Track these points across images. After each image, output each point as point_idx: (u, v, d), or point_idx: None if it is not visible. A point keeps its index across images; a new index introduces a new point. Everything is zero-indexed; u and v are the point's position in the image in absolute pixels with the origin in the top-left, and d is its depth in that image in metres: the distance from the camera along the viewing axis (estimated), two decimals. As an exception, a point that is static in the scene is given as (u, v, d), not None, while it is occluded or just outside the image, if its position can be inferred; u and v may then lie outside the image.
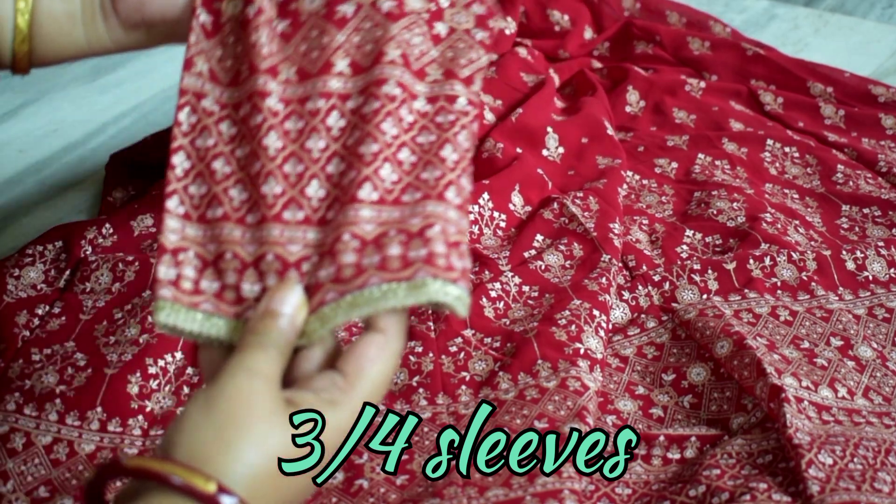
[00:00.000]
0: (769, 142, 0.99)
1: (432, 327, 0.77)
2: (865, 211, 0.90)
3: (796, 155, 0.98)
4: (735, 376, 0.71)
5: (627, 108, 1.06)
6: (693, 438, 0.68)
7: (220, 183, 0.51)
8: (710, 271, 0.82)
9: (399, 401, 0.73)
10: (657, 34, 1.15)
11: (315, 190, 0.50)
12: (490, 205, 0.90)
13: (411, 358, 0.74)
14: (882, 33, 1.20)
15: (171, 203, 0.51)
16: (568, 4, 1.16)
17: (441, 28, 0.53)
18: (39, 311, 0.81)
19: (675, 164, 0.98)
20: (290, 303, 0.48)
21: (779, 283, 0.81)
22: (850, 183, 0.94)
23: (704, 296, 0.80)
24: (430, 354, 0.75)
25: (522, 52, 1.10)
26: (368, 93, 0.51)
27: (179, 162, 0.52)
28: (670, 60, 1.13)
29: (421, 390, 0.73)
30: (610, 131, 1.00)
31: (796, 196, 0.94)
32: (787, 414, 0.65)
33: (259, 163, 0.50)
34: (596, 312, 0.76)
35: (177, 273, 0.50)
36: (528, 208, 0.92)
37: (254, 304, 0.49)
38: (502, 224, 0.90)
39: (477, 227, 0.88)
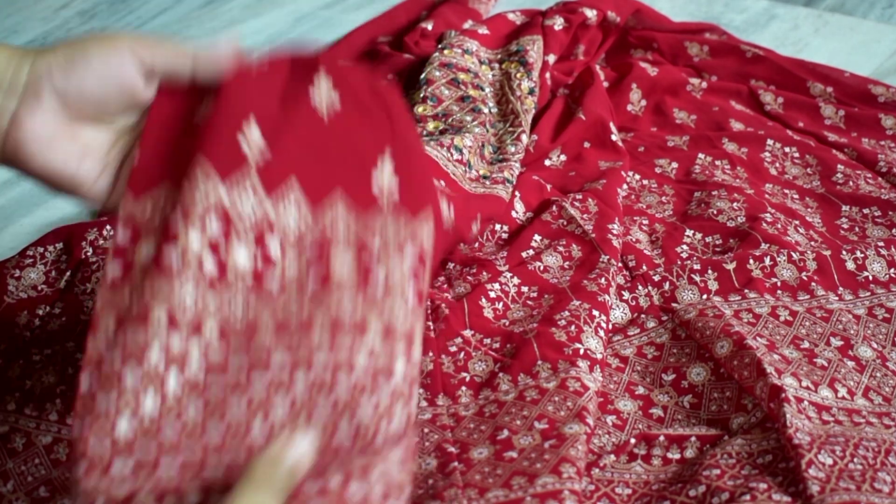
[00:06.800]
0: (769, 142, 0.99)
1: (431, 327, 0.77)
2: (865, 211, 0.90)
3: (796, 155, 0.98)
4: (735, 376, 0.71)
5: (629, 108, 1.06)
6: (693, 438, 0.68)
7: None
8: (710, 271, 0.82)
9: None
10: (655, 41, 1.15)
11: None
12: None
13: (411, 358, 0.74)
14: (882, 33, 1.20)
15: None
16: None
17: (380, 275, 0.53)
18: (40, 312, 0.81)
19: (675, 165, 0.98)
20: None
21: (779, 283, 0.81)
22: (850, 183, 0.94)
23: (704, 296, 0.80)
24: (430, 354, 0.75)
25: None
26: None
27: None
28: (669, 66, 1.13)
29: (421, 391, 0.73)
30: (614, 136, 1.00)
31: (796, 196, 0.94)
32: (787, 414, 0.65)
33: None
34: (595, 313, 0.76)
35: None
36: (529, 214, 0.92)
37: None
38: (504, 236, 0.90)
39: (477, 244, 0.88)
